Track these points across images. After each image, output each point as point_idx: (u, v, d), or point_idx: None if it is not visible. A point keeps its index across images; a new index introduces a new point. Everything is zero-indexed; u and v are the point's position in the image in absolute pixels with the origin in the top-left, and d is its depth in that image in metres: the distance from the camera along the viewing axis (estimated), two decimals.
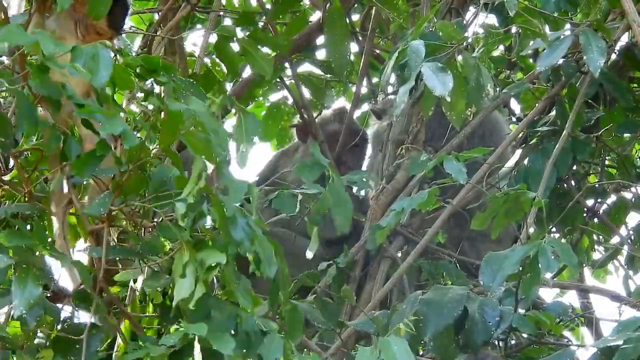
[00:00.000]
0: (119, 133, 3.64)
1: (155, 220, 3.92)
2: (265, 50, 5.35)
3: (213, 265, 3.55)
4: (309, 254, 4.50)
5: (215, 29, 5.35)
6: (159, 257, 3.89)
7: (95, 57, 3.67)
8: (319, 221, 4.45)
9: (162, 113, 3.77)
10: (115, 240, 3.97)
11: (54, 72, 3.71)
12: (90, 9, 4.19)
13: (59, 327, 3.94)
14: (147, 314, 4.14)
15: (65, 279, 4.20)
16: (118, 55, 3.89)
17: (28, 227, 4.05)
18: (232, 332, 3.65)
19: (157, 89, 3.86)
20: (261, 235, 3.67)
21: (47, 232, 4.02)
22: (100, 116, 3.68)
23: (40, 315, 3.82)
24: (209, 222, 3.66)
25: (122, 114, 3.76)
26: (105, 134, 3.67)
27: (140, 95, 3.99)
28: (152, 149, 3.85)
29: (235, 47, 5.33)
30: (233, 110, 4.28)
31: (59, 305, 4.01)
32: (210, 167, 3.69)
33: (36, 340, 3.95)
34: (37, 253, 3.68)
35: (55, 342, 3.86)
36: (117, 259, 3.95)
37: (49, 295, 4.01)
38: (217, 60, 6.14)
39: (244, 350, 3.64)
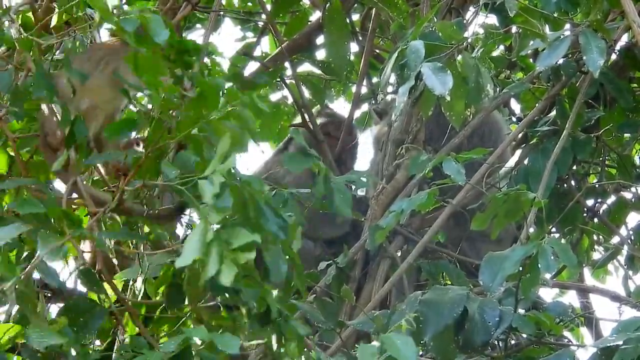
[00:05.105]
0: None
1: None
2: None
3: (243, 245, 3.37)
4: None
5: (214, 30, 5.33)
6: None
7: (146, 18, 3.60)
8: (303, 222, 4.44)
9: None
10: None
11: None
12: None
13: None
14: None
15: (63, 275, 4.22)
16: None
17: None
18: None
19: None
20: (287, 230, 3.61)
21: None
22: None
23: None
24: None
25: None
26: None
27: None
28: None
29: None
30: None
31: (60, 305, 4.01)
32: None
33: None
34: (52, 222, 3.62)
35: (65, 311, 3.83)
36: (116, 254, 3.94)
37: (48, 295, 4.00)
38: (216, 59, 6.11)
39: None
